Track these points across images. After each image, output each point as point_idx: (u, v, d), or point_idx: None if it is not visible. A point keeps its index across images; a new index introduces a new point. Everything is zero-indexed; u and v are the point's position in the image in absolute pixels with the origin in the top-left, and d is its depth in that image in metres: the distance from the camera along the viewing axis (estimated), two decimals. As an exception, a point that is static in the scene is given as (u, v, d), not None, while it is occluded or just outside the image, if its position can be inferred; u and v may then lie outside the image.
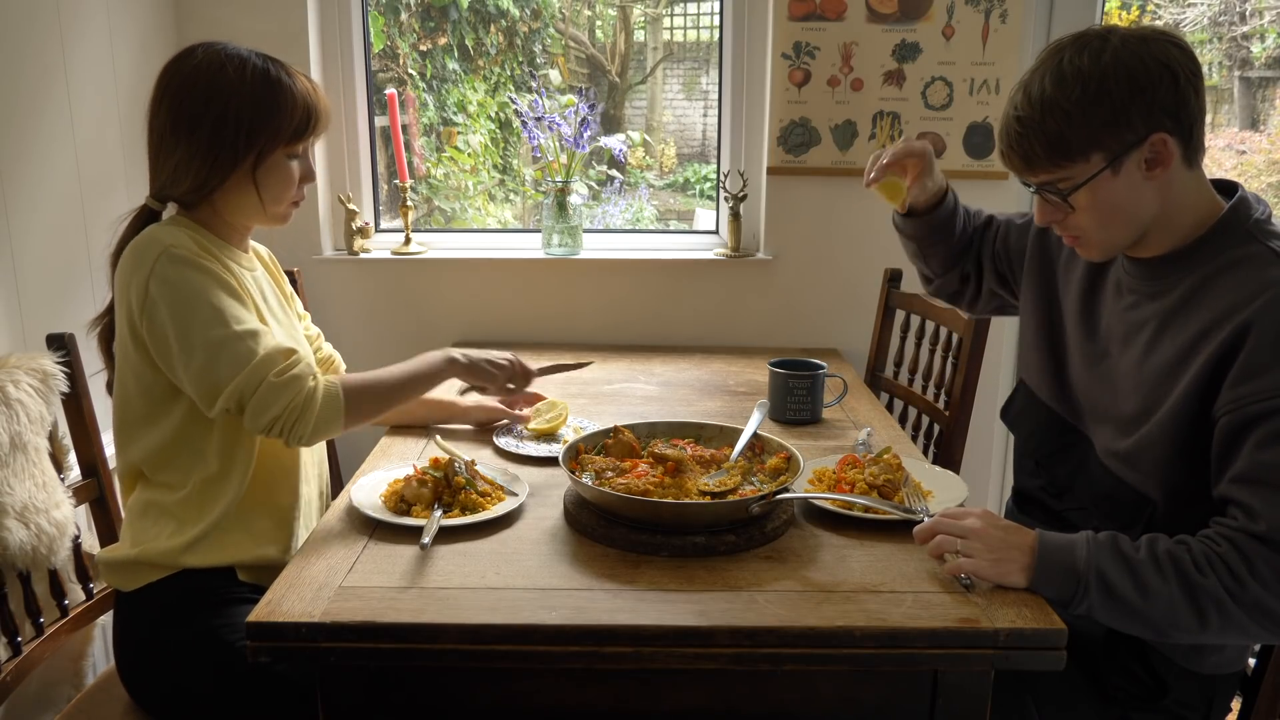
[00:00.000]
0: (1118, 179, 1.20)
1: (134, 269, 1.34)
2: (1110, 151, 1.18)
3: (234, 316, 1.34)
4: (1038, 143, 1.20)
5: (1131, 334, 1.31)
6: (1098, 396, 1.36)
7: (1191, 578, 1.12)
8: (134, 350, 1.38)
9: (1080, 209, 1.23)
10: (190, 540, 1.40)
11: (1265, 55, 3.08)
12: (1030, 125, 1.20)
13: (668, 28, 4.11)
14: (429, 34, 3.48)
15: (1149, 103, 1.16)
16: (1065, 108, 1.17)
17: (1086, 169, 1.20)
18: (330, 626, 1.10)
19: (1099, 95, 1.16)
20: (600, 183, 3.24)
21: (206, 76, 1.38)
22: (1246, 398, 1.13)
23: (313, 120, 1.44)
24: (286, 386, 1.33)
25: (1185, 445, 1.21)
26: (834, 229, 2.49)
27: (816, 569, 1.25)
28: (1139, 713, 1.32)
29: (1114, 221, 1.24)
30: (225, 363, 1.31)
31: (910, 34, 2.37)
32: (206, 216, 1.45)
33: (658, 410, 1.94)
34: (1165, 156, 1.18)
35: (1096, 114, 1.17)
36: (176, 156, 1.39)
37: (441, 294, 2.54)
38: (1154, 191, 1.21)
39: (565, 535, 1.34)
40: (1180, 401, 1.21)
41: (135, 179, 2.16)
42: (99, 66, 2.03)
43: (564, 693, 1.19)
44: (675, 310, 2.55)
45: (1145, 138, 1.17)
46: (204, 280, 1.34)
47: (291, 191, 1.47)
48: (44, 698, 1.69)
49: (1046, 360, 1.47)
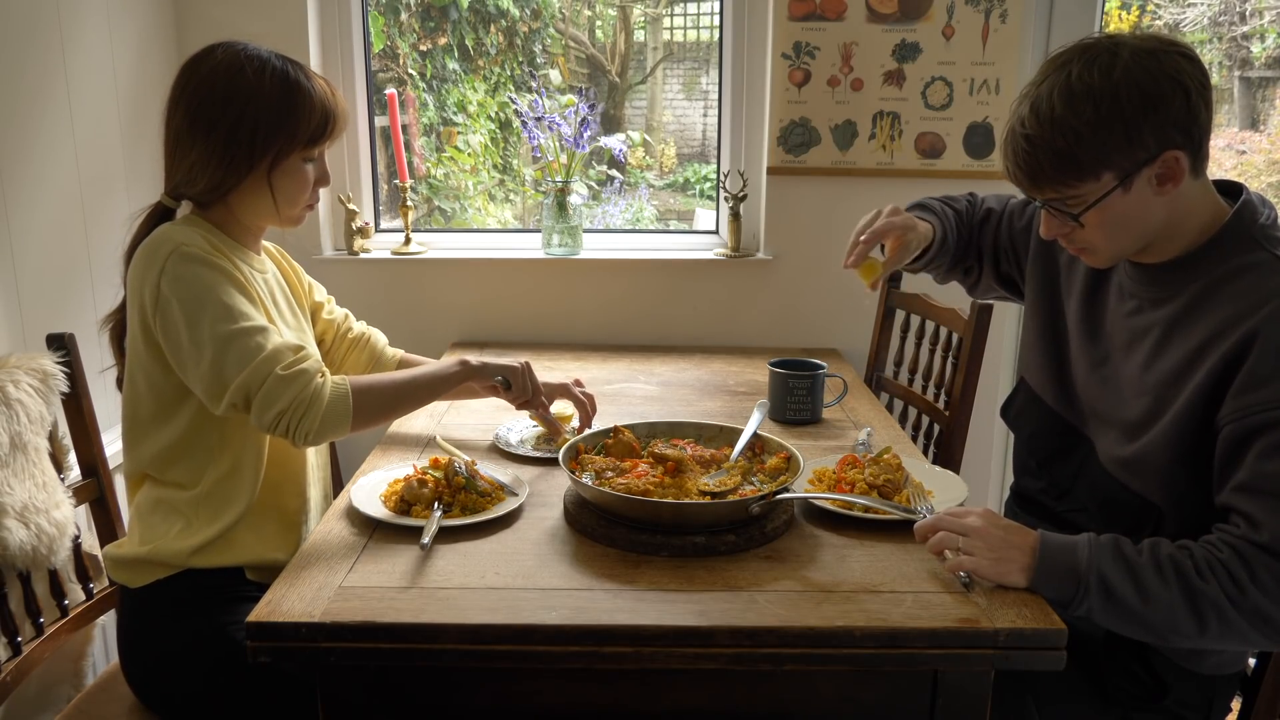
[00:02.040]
0: (1129, 196, 1.18)
1: (147, 267, 1.34)
2: (1122, 170, 1.16)
3: (243, 313, 1.33)
4: (1047, 162, 1.17)
5: (1135, 340, 1.30)
6: (1099, 400, 1.36)
7: (1193, 583, 1.12)
8: (145, 349, 1.38)
9: (1089, 225, 1.21)
10: (200, 543, 1.40)
11: (1265, 55, 3.08)
12: (1039, 144, 1.17)
13: (668, 28, 4.11)
14: (429, 34, 3.48)
15: (1162, 121, 1.14)
16: (1075, 127, 1.14)
17: (1097, 188, 1.18)
18: (330, 626, 1.10)
19: (1111, 115, 1.13)
20: (600, 183, 3.25)
21: (225, 77, 1.37)
22: (1251, 407, 1.13)
23: (330, 124, 1.43)
24: (293, 380, 1.31)
25: (1188, 453, 1.21)
26: (834, 229, 2.49)
27: (816, 569, 1.25)
28: (1139, 713, 1.32)
29: (1122, 235, 1.22)
30: (233, 358, 1.30)
31: (910, 34, 2.37)
32: (220, 216, 1.45)
33: (658, 410, 1.93)
34: (1177, 172, 1.17)
35: (1109, 134, 1.14)
36: (193, 156, 1.38)
37: (441, 294, 2.54)
38: (1163, 204, 1.20)
39: (565, 535, 1.34)
40: (1184, 409, 1.20)
41: (135, 179, 2.16)
42: (99, 66, 2.03)
43: (564, 693, 1.19)
44: (675, 310, 2.55)
45: (1157, 155, 1.15)
46: (214, 277, 1.34)
47: (306, 195, 1.46)
48: (44, 698, 1.69)
49: (1048, 360, 1.46)
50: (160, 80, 2.29)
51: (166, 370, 1.38)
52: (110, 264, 2.06)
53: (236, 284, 1.36)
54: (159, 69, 2.29)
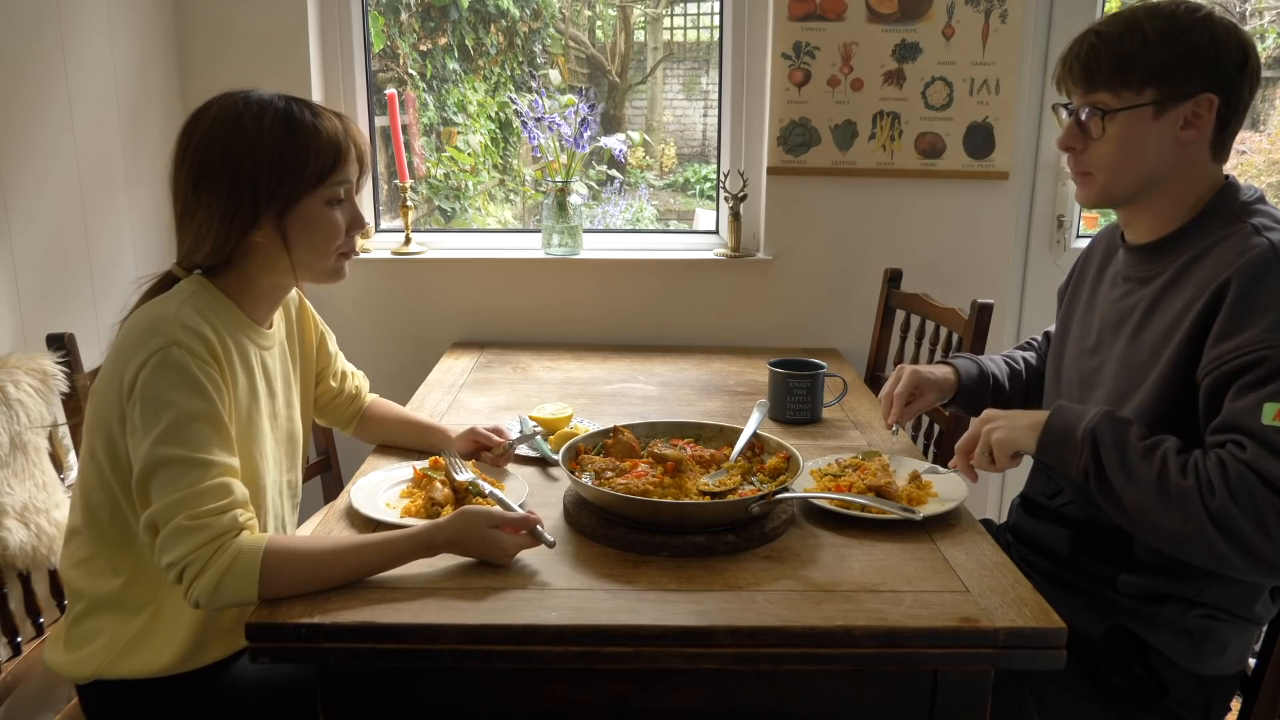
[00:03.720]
0: (1156, 123, 1.25)
1: (136, 347, 1.22)
2: (1164, 92, 1.24)
3: (192, 439, 1.19)
4: (1107, 59, 1.25)
5: (1122, 320, 1.35)
6: (1087, 380, 1.40)
7: (1171, 472, 1.15)
8: (116, 426, 1.25)
9: (1108, 138, 1.28)
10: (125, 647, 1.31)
11: (1265, 55, 3.08)
12: (1108, 39, 1.26)
13: (668, 28, 4.11)
14: (429, 34, 3.48)
15: (1217, 63, 1.23)
16: (1147, 32, 1.24)
17: (1135, 99, 1.25)
18: (330, 627, 1.10)
19: (1181, 34, 1.23)
20: (600, 183, 3.25)
21: (223, 129, 1.27)
22: (1224, 355, 1.17)
23: (341, 159, 1.30)
24: (195, 532, 1.15)
25: (1172, 414, 1.24)
26: (834, 229, 2.49)
27: (816, 568, 1.25)
28: (1139, 713, 1.32)
29: (1130, 163, 1.28)
30: (158, 482, 1.18)
31: (910, 34, 2.37)
32: (232, 284, 1.33)
33: (658, 410, 1.93)
34: (1203, 121, 1.24)
35: (1172, 49, 1.23)
36: (199, 217, 1.27)
37: (441, 294, 2.54)
38: (1176, 151, 1.27)
39: (565, 535, 1.34)
40: (1167, 370, 1.24)
41: (135, 179, 2.16)
42: (99, 66, 2.03)
43: (564, 693, 1.19)
44: (675, 310, 2.55)
45: (1197, 94, 1.23)
46: (184, 396, 1.20)
47: (336, 241, 1.33)
48: (44, 698, 1.69)
49: (1053, 376, 1.51)
50: (160, 80, 2.30)
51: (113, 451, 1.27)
52: (110, 264, 2.07)
53: (206, 411, 1.21)
54: (159, 69, 2.29)
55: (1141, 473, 1.17)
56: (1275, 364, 1.12)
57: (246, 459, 1.31)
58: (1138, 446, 1.19)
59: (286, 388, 1.47)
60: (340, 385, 1.65)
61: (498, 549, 1.23)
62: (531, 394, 2.02)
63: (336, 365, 1.64)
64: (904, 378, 1.59)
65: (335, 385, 1.63)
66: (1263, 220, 1.24)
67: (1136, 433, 1.20)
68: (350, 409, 1.67)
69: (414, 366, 2.44)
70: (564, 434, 1.67)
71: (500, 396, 2.01)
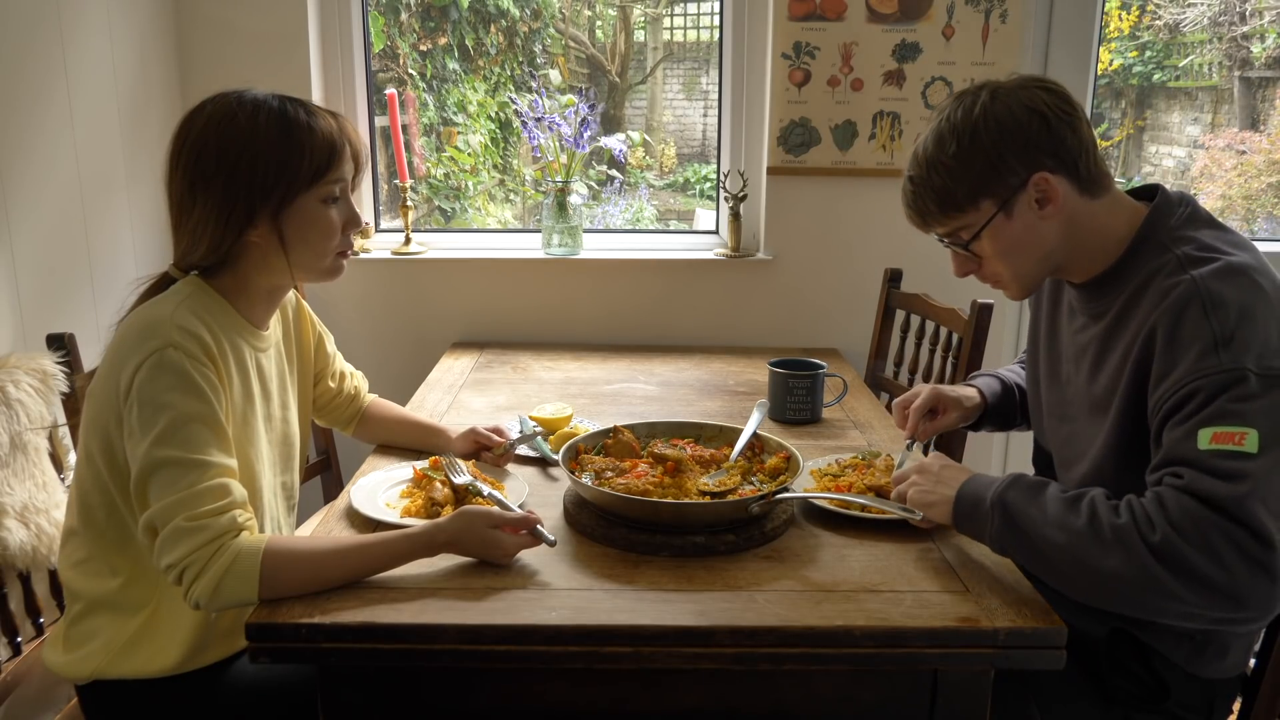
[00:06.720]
0: (1013, 221, 1.25)
1: (133, 349, 1.22)
2: (998, 197, 1.24)
3: (190, 440, 1.19)
4: (928, 199, 1.28)
5: (1080, 356, 1.35)
6: (1061, 419, 1.40)
7: (1102, 515, 1.10)
8: (113, 428, 1.25)
9: (987, 256, 1.29)
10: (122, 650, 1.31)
11: (1265, 55, 3.08)
12: (919, 184, 1.28)
13: (668, 28, 4.11)
14: (429, 34, 3.48)
15: (1023, 146, 1.22)
16: (945, 163, 1.25)
17: (979, 216, 1.26)
18: (330, 627, 1.10)
19: (973, 148, 1.23)
20: (600, 183, 3.25)
21: (216, 130, 1.26)
22: (1160, 398, 1.16)
23: (336, 157, 1.30)
24: (194, 533, 1.15)
25: (1138, 452, 1.21)
26: (834, 229, 2.49)
27: (816, 568, 1.25)
28: (1141, 715, 1.32)
29: (1021, 259, 1.29)
30: (156, 484, 1.18)
31: (910, 34, 2.37)
32: (228, 285, 1.33)
33: (658, 410, 1.94)
34: (1053, 193, 1.23)
35: (973, 165, 1.23)
36: (194, 218, 1.27)
37: (441, 294, 2.54)
38: (1054, 227, 1.26)
39: (565, 535, 1.34)
40: (1119, 416, 1.24)
41: (135, 179, 2.16)
42: (99, 66, 2.04)
43: (564, 693, 1.19)
44: (675, 310, 2.55)
45: (1027, 179, 1.23)
46: (182, 397, 1.20)
47: (333, 240, 1.33)
48: (44, 698, 1.69)
49: (1035, 398, 1.51)
50: (160, 80, 2.30)
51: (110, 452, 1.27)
52: (110, 264, 2.07)
53: (202, 411, 1.21)
54: (159, 69, 2.29)
55: (1070, 522, 1.11)
56: (1207, 392, 1.10)
57: (241, 461, 1.31)
58: (1060, 500, 1.14)
59: (282, 390, 1.47)
60: (339, 386, 1.64)
61: (498, 549, 1.24)
62: (531, 394, 2.02)
63: (335, 366, 1.64)
64: (924, 392, 1.57)
65: (334, 386, 1.63)
66: (1188, 250, 1.20)
67: (1057, 489, 1.17)
68: (350, 409, 1.67)
69: (414, 367, 2.44)
70: (564, 434, 1.66)
71: (500, 397, 2.01)
